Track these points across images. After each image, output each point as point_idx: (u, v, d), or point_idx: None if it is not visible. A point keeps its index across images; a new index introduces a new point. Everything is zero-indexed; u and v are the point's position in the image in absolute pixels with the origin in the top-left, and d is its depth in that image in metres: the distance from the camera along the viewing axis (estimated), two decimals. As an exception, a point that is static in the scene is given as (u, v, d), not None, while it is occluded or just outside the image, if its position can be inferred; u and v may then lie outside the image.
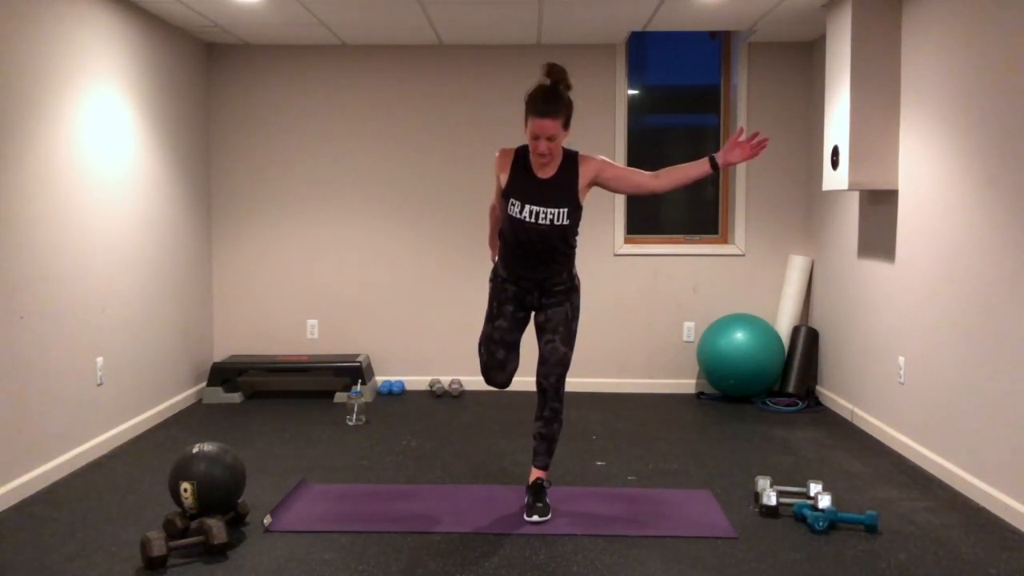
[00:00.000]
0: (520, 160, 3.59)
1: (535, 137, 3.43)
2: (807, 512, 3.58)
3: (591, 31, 5.76)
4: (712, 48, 6.41)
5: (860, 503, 3.88)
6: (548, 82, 3.45)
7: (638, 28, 5.66)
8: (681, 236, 6.39)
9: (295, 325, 6.34)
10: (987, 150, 3.87)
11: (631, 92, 6.34)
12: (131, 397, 5.02)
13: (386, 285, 6.34)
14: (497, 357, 3.73)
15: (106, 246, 4.74)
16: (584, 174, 3.57)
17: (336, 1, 4.99)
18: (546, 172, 3.56)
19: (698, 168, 3.54)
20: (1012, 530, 3.58)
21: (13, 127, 3.91)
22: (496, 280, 3.77)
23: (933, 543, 3.43)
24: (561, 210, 3.54)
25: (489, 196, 3.96)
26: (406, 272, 6.31)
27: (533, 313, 3.75)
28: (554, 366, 3.65)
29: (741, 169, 6.19)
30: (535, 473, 3.76)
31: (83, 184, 4.51)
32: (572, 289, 3.72)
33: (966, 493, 4.00)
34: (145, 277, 5.21)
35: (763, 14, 5.32)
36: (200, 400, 5.94)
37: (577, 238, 3.69)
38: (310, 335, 6.34)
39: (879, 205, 4.99)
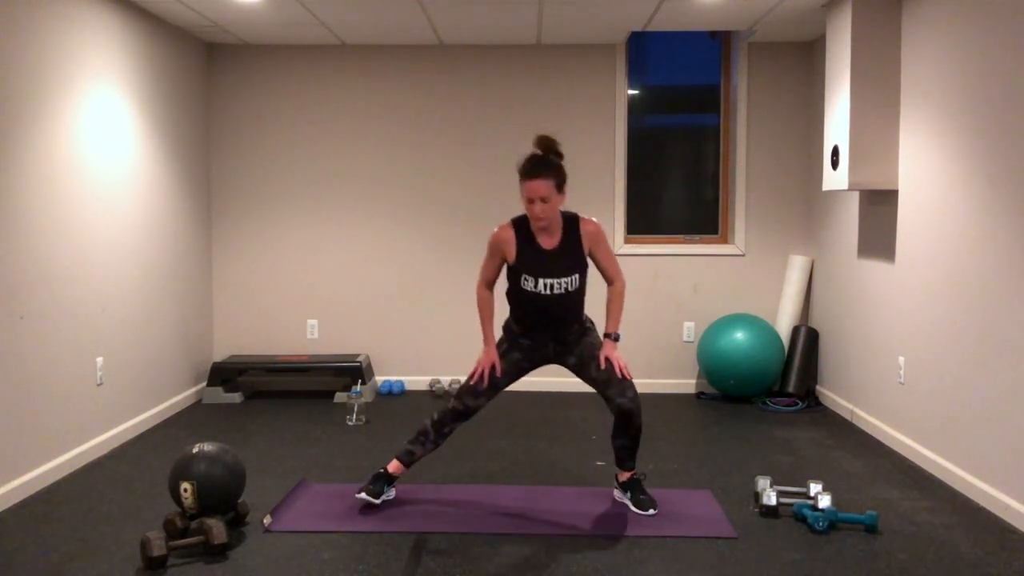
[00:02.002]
0: (522, 232, 3.63)
1: (530, 201, 3.49)
2: (807, 512, 3.58)
3: (591, 31, 5.76)
4: (712, 48, 6.40)
5: (860, 503, 3.88)
6: (539, 152, 3.54)
7: (638, 28, 5.66)
8: (681, 236, 6.39)
9: (295, 325, 6.34)
10: (987, 150, 3.86)
11: (631, 92, 6.34)
12: (131, 397, 5.03)
13: (386, 285, 6.34)
14: (478, 387, 3.74)
15: (106, 246, 4.74)
16: (586, 238, 3.64)
17: (336, 1, 4.99)
18: (551, 241, 3.62)
19: (612, 325, 3.72)
20: (1012, 530, 3.58)
21: (13, 127, 3.91)
22: (510, 332, 3.81)
23: (933, 543, 3.43)
24: (573, 277, 3.63)
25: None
26: (406, 272, 6.31)
27: (561, 362, 3.78)
28: (622, 380, 3.66)
29: (741, 169, 6.19)
30: (627, 473, 3.85)
31: (83, 184, 4.51)
32: (585, 332, 3.79)
33: (966, 493, 4.00)
34: (145, 277, 5.21)
35: (763, 14, 5.32)
36: (200, 400, 5.94)
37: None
38: (310, 335, 6.34)
39: (879, 205, 4.99)
